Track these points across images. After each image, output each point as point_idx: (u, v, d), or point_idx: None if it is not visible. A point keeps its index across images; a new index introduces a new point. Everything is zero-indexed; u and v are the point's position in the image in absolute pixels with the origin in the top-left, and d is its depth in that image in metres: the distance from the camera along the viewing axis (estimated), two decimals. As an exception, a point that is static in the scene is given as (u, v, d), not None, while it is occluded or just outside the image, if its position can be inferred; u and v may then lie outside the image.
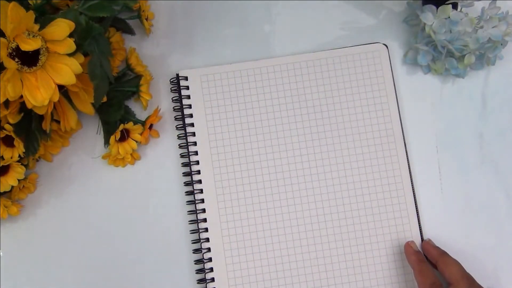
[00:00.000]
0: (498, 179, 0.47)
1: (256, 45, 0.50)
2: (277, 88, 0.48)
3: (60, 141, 0.46)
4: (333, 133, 0.47)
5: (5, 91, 0.34)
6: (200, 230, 0.45)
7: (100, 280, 0.46)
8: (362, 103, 0.48)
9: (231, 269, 0.45)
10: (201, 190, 0.46)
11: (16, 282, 0.45)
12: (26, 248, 0.46)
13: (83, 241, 0.46)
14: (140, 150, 0.47)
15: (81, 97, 0.42)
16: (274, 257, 0.45)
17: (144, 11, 0.47)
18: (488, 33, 0.44)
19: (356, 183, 0.46)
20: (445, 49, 0.46)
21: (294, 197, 0.46)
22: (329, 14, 0.50)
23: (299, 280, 0.45)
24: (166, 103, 0.49)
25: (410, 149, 0.47)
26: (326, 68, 0.48)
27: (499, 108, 0.49)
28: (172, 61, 0.49)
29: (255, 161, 0.46)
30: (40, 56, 0.36)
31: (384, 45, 0.49)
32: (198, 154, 0.47)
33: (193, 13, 0.50)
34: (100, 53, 0.39)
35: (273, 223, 0.46)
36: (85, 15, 0.38)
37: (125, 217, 0.47)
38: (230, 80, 0.48)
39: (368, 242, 0.45)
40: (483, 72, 0.49)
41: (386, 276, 0.45)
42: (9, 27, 0.34)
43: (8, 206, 0.44)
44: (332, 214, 0.46)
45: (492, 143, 0.48)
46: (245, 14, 0.50)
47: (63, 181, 0.47)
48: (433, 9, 0.45)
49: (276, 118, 0.47)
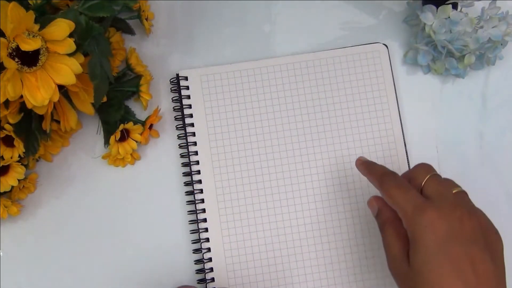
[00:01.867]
0: (498, 179, 0.47)
1: (256, 45, 0.50)
2: (277, 88, 0.48)
3: (60, 141, 0.46)
4: (333, 133, 0.47)
5: (5, 91, 0.34)
6: (200, 230, 0.45)
7: (100, 280, 0.46)
8: (362, 103, 0.48)
9: (231, 269, 0.45)
10: (201, 190, 0.46)
11: (16, 282, 0.45)
12: (26, 248, 0.46)
13: (83, 241, 0.46)
14: (140, 150, 0.47)
15: (81, 97, 0.42)
16: (274, 257, 0.45)
17: (144, 11, 0.47)
18: (488, 33, 0.44)
19: (357, 182, 0.46)
20: (445, 49, 0.46)
21: (294, 197, 0.46)
22: (329, 14, 0.50)
23: (299, 280, 0.45)
24: (166, 103, 0.49)
25: (410, 149, 0.47)
26: (326, 68, 0.48)
27: (499, 108, 0.49)
28: (172, 61, 0.49)
29: (255, 161, 0.46)
30: (40, 56, 0.36)
31: (384, 45, 0.49)
32: (198, 154, 0.47)
33: (193, 13, 0.50)
34: (100, 53, 0.39)
35: (273, 223, 0.46)
36: (85, 15, 0.38)
37: (125, 217, 0.47)
38: (230, 80, 0.48)
39: (368, 242, 0.45)
40: (483, 72, 0.49)
41: (387, 276, 0.45)
42: (9, 27, 0.34)
43: (8, 206, 0.44)
44: (333, 214, 0.46)
45: (492, 143, 0.48)
46: (245, 14, 0.50)
47: (63, 181, 0.47)
48: (433, 9, 0.45)
49: (276, 118, 0.47)
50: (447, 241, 0.34)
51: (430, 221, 0.34)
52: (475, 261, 0.33)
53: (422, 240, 0.34)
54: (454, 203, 0.35)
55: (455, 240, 0.34)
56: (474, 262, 0.33)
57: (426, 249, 0.34)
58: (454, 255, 0.33)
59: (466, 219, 0.34)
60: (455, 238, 0.34)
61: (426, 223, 0.34)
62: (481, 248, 0.34)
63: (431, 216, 0.34)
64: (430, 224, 0.34)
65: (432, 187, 0.37)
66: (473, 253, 0.33)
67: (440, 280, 0.33)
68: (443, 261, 0.33)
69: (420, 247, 0.34)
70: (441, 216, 0.34)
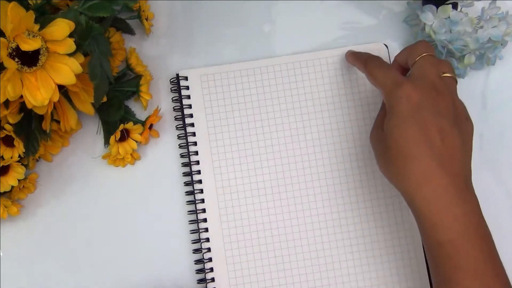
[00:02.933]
0: (498, 179, 0.47)
1: (256, 45, 0.50)
2: (277, 88, 0.48)
3: (60, 141, 0.46)
4: (333, 133, 0.47)
5: (5, 91, 0.34)
6: (200, 230, 0.45)
7: (99, 279, 0.46)
8: (362, 102, 0.48)
9: (232, 269, 0.45)
10: (201, 190, 0.46)
11: (16, 282, 0.45)
12: (26, 248, 0.46)
13: (83, 241, 0.46)
14: (140, 150, 0.47)
15: (81, 97, 0.42)
16: (275, 256, 0.45)
17: (144, 11, 0.47)
18: (488, 33, 0.44)
19: (357, 182, 0.46)
20: (445, 49, 0.46)
21: (295, 197, 0.46)
22: (329, 14, 0.50)
23: (300, 280, 0.45)
24: (166, 103, 0.49)
25: (410, 149, 0.47)
26: (326, 68, 0.48)
27: (499, 108, 0.49)
28: (172, 61, 0.49)
29: (256, 161, 0.46)
30: (40, 56, 0.36)
31: (384, 45, 0.49)
32: (198, 154, 0.47)
33: (193, 13, 0.50)
34: (100, 53, 0.39)
35: (273, 223, 0.46)
36: (85, 15, 0.38)
37: (125, 217, 0.47)
38: (230, 80, 0.48)
39: (369, 241, 0.45)
40: (483, 72, 0.49)
41: (387, 276, 0.45)
42: (9, 27, 0.34)
43: (8, 206, 0.44)
44: (333, 214, 0.46)
45: (492, 143, 0.48)
46: (245, 14, 0.50)
47: (63, 181, 0.47)
48: (433, 9, 0.45)
49: (276, 117, 0.47)
50: (419, 109, 0.35)
51: (405, 92, 0.36)
52: (443, 131, 0.35)
53: (396, 107, 0.36)
54: (434, 83, 0.37)
55: (426, 110, 0.35)
56: (443, 132, 0.35)
57: (398, 114, 0.36)
58: (423, 121, 0.35)
59: (440, 97, 0.36)
60: (426, 108, 0.35)
61: (401, 94, 0.36)
62: (451, 123, 0.35)
63: (407, 89, 0.36)
64: (405, 95, 0.36)
65: (419, 65, 0.38)
66: (442, 124, 0.35)
67: (407, 142, 0.35)
68: (412, 125, 0.35)
69: (393, 113, 0.36)
70: (416, 89, 0.36)
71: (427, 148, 0.34)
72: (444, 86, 0.37)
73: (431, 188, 0.34)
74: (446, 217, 0.34)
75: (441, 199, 0.34)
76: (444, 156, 0.34)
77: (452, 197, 0.34)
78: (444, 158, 0.34)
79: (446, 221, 0.34)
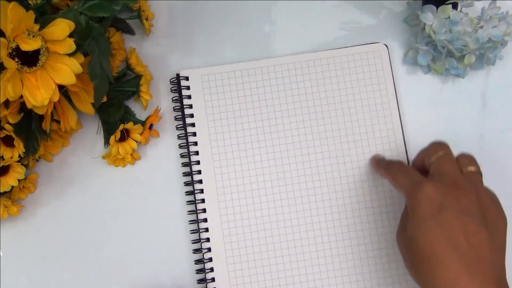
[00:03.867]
0: (498, 179, 0.47)
1: (256, 45, 0.50)
2: (277, 88, 0.48)
3: (60, 141, 0.46)
4: (333, 133, 0.47)
5: (5, 91, 0.34)
6: (200, 230, 0.45)
7: (100, 280, 0.46)
8: (363, 103, 0.48)
9: (232, 269, 0.45)
10: (202, 190, 0.46)
11: (16, 282, 0.45)
12: (26, 248, 0.46)
13: (83, 241, 0.46)
14: (140, 150, 0.47)
15: (81, 97, 0.42)
16: (275, 256, 0.45)
17: (144, 11, 0.47)
18: (488, 33, 0.44)
19: (357, 182, 0.46)
20: (445, 49, 0.46)
21: (295, 197, 0.46)
22: (329, 14, 0.50)
23: (300, 280, 0.45)
24: (166, 103, 0.49)
25: (410, 149, 0.47)
26: (326, 68, 0.48)
27: (499, 108, 0.49)
28: (172, 61, 0.49)
29: (256, 161, 0.46)
30: (40, 56, 0.36)
31: (384, 45, 0.49)
32: (199, 154, 0.47)
33: (193, 13, 0.50)
34: (100, 53, 0.39)
35: (273, 223, 0.46)
36: (85, 15, 0.38)
37: (125, 217, 0.47)
38: (230, 80, 0.48)
39: (369, 242, 0.45)
40: (483, 72, 0.49)
41: (387, 276, 0.45)
42: (9, 27, 0.34)
43: (8, 206, 0.44)
44: (333, 214, 0.46)
45: (492, 143, 0.48)
46: (245, 14, 0.50)
47: (63, 181, 0.47)
48: (433, 9, 0.45)
49: (277, 118, 0.47)
50: (440, 210, 0.34)
51: (426, 193, 0.35)
52: (469, 231, 0.33)
53: (417, 209, 0.35)
54: (454, 180, 0.36)
55: (449, 210, 0.34)
56: (468, 232, 0.33)
57: (420, 216, 0.35)
58: (446, 222, 0.33)
59: (462, 194, 0.35)
60: (448, 207, 0.34)
61: (422, 196, 0.35)
62: (477, 221, 0.34)
63: (427, 189, 0.35)
64: (425, 196, 0.35)
65: (436, 164, 0.37)
66: (467, 223, 0.33)
67: (431, 245, 0.33)
68: (435, 227, 0.34)
69: (415, 215, 0.35)
70: (436, 189, 0.35)
71: (452, 250, 0.32)
72: (466, 182, 0.36)
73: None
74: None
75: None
76: (471, 258, 0.32)
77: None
78: (472, 260, 0.32)
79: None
